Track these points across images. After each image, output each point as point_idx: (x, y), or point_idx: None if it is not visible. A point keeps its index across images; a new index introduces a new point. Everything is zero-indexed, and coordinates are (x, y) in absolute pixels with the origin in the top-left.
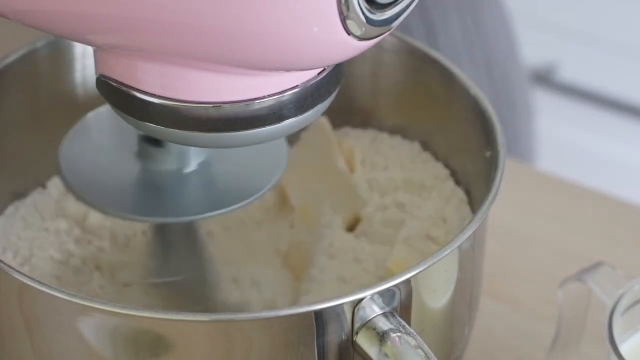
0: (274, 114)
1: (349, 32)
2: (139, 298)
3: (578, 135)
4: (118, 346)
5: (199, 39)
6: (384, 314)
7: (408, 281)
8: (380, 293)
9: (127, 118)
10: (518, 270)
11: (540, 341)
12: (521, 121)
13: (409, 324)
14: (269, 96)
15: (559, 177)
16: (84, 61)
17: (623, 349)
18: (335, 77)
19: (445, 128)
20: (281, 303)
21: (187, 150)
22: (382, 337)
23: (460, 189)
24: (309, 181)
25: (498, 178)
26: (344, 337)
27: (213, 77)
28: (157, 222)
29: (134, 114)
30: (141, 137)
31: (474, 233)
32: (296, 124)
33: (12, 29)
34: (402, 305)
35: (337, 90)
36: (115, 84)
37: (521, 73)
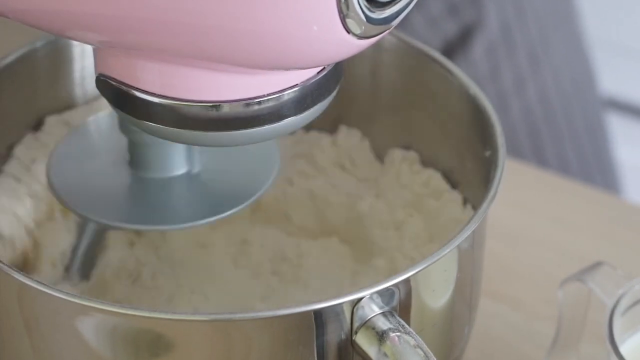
0: (274, 113)
1: (349, 31)
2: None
3: None
4: (117, 346)
5: (199, 38)
6: (384, 314)
7: (407, 281)
8: (379, 292)
9: (127, 117)
10: (518, 270)
11: (540, 341)
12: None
13: (409, 324)
14: (269, 95)
15: (559, 177)
16: (83, 61)
17: (623, 349)
18: (335, 76)
19: (444, 128)
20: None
21: (178, 157)
22: (382, 337)
23: (458, 189)
24: None
25: (497, 178)
26: (343, 337)
27: (213, 76)
28: (145, 230)
29: (134, 113)
30: (131, 144)
31: (474, 233)
32: (296, 123)
33: (12, 29)
34: (402, 304)
35: (337, 89)
36: (114, 83)
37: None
